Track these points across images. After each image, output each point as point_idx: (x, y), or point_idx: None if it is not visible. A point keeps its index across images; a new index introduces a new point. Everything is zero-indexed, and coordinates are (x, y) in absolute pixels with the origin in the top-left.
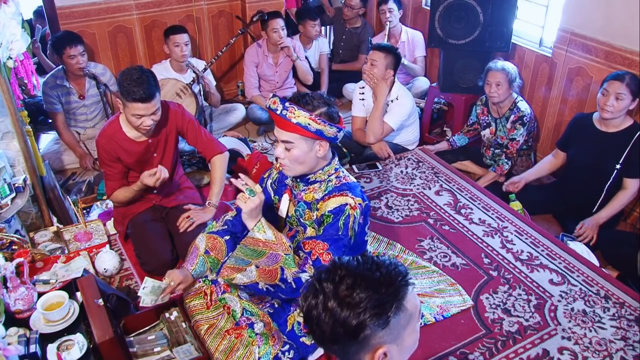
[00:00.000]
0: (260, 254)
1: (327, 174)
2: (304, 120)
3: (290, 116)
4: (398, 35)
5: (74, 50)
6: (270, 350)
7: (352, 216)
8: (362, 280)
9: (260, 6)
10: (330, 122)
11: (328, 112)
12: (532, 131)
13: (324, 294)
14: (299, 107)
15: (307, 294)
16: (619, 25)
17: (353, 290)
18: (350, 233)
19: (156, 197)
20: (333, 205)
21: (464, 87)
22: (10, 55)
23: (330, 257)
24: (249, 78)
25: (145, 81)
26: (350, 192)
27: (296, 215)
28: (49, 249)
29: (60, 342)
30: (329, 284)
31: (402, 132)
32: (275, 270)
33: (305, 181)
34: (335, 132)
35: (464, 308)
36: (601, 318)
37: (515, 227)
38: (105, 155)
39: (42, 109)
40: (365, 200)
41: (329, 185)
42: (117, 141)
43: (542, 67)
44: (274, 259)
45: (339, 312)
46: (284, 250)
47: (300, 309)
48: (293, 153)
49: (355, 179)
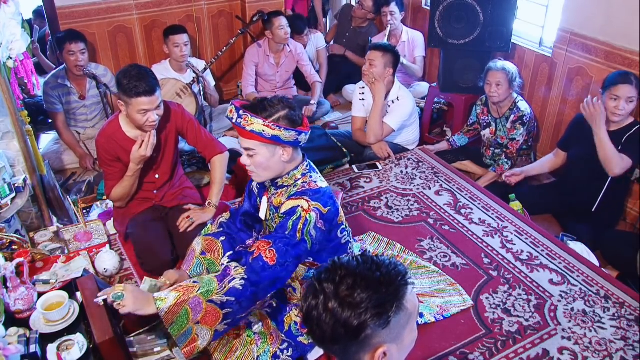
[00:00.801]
0: (186, 314)
1: (294, 179)
2: (257, 128)
3: (245, 124)
4: (399, 36)
5: (74, 47)
6: (268, 348)
7: (304, 218)
8: (363, 280)
9: (260, 6)
10: (287, 127)
11: (288, 116)
12: (532, 131)
13: (325, 294)
14: (254, 114)
15: (307, 295)
16: (619, 25)
17: (354, 290)
18: (299, 235)
19: (156, 197)
20: (286, 208)
21: (464, 87)
22: (10, 55)
23: (272, 254)
24: (247, 76)
25: (145, 76)
26: (310, 196)
27: (270, 219)
28: (49, 249)
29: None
30: (329, 284)
31: (402, 132)
32: (209, 308)
33: (275, 185)
34: (294, 136)
35: (464, 308)
36: (601, 318)
37: (515, 227)
38: (105, 155)
39: (42, 109)
40: (327, 206)
41: (292, 190)
42: (117, 141)
43: (542, 67)
44: (197, 304)
45: (340, 312)
46: (192, 292)
47: (300, 309)
48: (256, 159)
49: (326, 184)
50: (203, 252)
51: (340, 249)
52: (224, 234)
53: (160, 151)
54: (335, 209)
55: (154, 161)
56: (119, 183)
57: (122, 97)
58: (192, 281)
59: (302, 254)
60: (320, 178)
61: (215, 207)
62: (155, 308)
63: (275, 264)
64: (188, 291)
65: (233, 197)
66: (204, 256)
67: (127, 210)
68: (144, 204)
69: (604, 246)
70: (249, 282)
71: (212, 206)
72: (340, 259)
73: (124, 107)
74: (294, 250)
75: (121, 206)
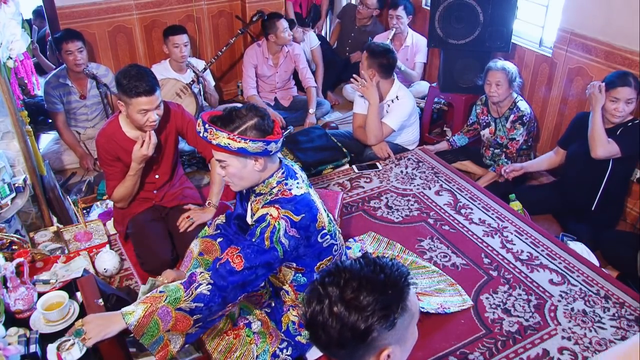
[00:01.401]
0: (156, 324)
1: (269, 187)
2: (223, 141)
3: (210, 137)
4: (403, 39)
5: (71, 46)
6: (268, 348)
7: (272, 226)
8: (368, 282)
9: (260, 6)
10: (254, 139)
11: (256, 126)
12: (531, 131)
13: (329, 299)
14: (219, 127)
15: (311, 299)
16: (619, 25)
17: (359, 293)
18: (267, 243)
19: (156, 197)
20: (257, 216)
21: (464, 87)
22: (10, 55)
23: (239, 260)
24: (247, 78)
25: (144, 75)
26: (281, 204)
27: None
28: (49, 249)
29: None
30: (333, 287)
31: (402, 133)
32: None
33: (254, 193)
34: (261, 147)
35: (464, 308)
36: (601, 318)
37: (515, 227)
38: (106, 155)
39: (42, 109)
40: (300, 214)
41: (268, 197)
42: (117, 141)
43: (542, 67)
44: (166, 313)
45: (346, 316)
46: (159, 302)
47: (303, 314)
48: (229, 170)
49: (302, 191)
50: (201, 253)
51: (324, 252)
52: (221, 236)
53: (160, 151)
54: (311, 216)
55: (154, 161)
56: (121, 183)
57: (122, 97)
58: (158, 291)
59: (272, 260)
60: (297, 185)
61: (215, 207)
62: (123, 324)
63: (243, 269)
64: (155, 302)
65: (233, 197)
66: (202, 257)
67: (127, 210)
68: (144, 204)
69: (604, 246)
70: (215, 287)
71: (212, 206)
72: (343, 262)
73: (123, 107)
74: (262, 256)
75: (123, 207)
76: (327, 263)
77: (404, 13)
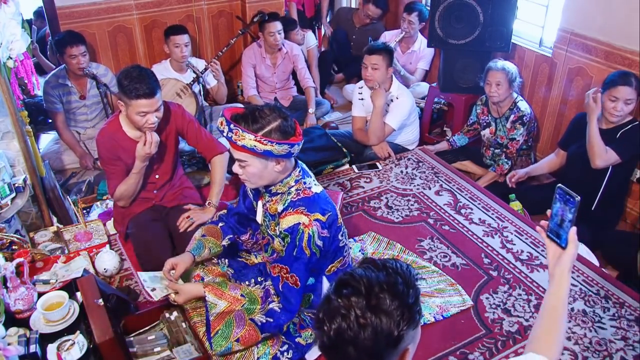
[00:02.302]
0: (230, 325)
1: (287, 186)
2: (249, 143)
3: (236, 138)
4: (411, 44)
5: (75, 50)
6: (269, 350)
7: (307, 234)
8: (388, 287)
9: (260, 6)
10: (279, 141)
11: (280, 128)
12: (532, 131)
13: (355, 310)
14: (245, 128)
15: (332, 316)
16: (619, 25)
17: (384, 299)
18: (307, 251)
19: (156, 197)
20: (287, 224)
21: (464, 87)
22: (10, 55)
23: (295, 278)
24: (246, 79)
25: (146, 77)
26: (307, 208)
27: (265, 225)
28: (49, 249)
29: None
30: (356, 297)
31: (402, 132)
32: (250, 327)
33: (269, 192)
34: (286, 150)
35: (464, 308)
36: (601, 318)
37: (515, 227)
38: (106, 154)
39: (42, 109)
40: (326, 213)
41: (287, 198)
42: (117, 140)
43: (542, 67)
44: (241, 319)
45: (379, 324)
46: (238, 304)
47: (323, 335)
48: (248, 170)
49: (320, 188)
50: (203, 235)
51: (338, 252)
52: (222, 221)
53: (160, 151)
54: (334, 212)
55: (154, 161)
56: (124, 181)
57: (122, 98)
58: (239, 294)
59: (314, 266)
60: (314, 182)
61: (215, 207)
62: (207, 303)
63: (300, 286)
64: (235, 302)
65: (233, 197)
66: (204, 237)
67: (128, 210)
68: (144, 204)
69: (604, 246)
70: (285, 310)
71: (212, 206)
72: (354, 271)
73: (123, 107)
74: (308, 265)
75: (124, 205)
76: (337, 265)
77: (417, 19)
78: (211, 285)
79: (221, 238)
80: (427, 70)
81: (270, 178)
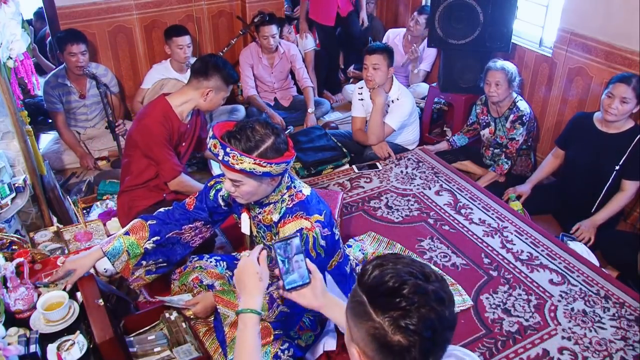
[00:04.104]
0: None
1: (280, 194)
2: (248, 167)
3: (233, 162)
4: (415, 44)
5: (75, 48)
6: (269, 349)
7: (311, 237)
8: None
9: (260, 6)
10: (277, 161)
11: (274, 146)
12: (531, 131)
13: (432, 304)
14: (242, 151)
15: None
16: (619, 25)
17: (440, 289)
18: (313, 253)
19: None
20: (289, 232)
21: (464, 87)
22: (10, 55)
23: None
24: (245, 79)
25: None
26: (304, 212)
27: (259, 237)
28: (49, 249)
29: (60, 342)
30: (428, 283)
31: (402, 132)
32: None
33: (259, 204)
34: (283, 168)
35: (464, 308)
36: (601, 318)
37: (515, 227)
38: (165, 136)
39: (42, 109)
40: (322, 213)
41: (282, 206)
42: (172, 121)
43: (542, 67)
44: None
45: (453, 312)
46: None
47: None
48: (242, 189)
49: (308, 187)
50: (127, 233)
51: (336, 245)
52: (155, 219)
53: (188, 141)
54: (328, 209)
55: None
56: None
57: (220, 84)
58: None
59: (321, 265)
60: (301, 183)
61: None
62: None
63: None
64: None
65: None
66: (127, 236)
67: (134, 201)
68: (155, 195)
69: (604, 246)
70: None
71: None
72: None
73: (212, 93)
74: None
75: (180, 188)
76: (337, 259)
77: (424, 22)
78: (219, 296)
79: (145, 239)
80: (428, 71)
81: (264, 194)
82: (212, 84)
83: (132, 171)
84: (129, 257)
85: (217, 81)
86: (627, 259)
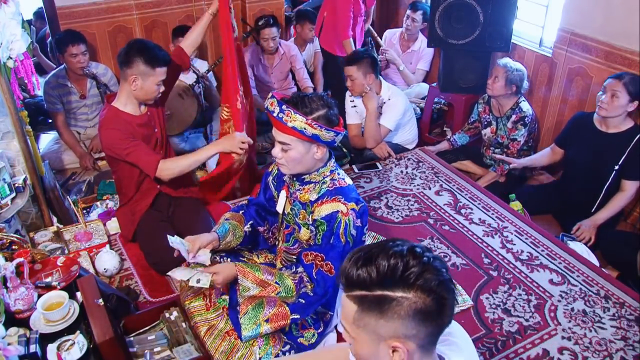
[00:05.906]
0: (261, 305)
1: (322, 176)
2: (299, 125)
3: (287, 119)
4: (412, 42)
5: (76, 49)
6: (271, 350)
7: (344, 222)
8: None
9: (260, 6)
10: (327, 127)
11: (327, 115)
12: (533, 132)
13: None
14: (296, 110)
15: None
16: (619, 25)
17: (409, 242)
18: (343, 239)
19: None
20: (325, 212)
21: (464, 87)
22: (10, 55)
23: (329, 266)
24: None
25: (157, 46)
26: (343, 197)
27: (292, 214)
28: (49, 249)
29: (60, 342)
30: (404, 245)
31: (399, 131)
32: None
33: (301, 181)
34: (332, 137)
35: (464, 308)
36: (601, 318)
37: (515, 227)
38: (123, 135)
39: (42, 109)
40: (359, 203)
41: (322, 187)
42: (125, 120)
43: (542, 67)
44: (272, 302)
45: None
46: (273, 291)
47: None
48: (290, 154)
49: (351, 180)
50: (227, 219)
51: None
52: (243, 209)
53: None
54: (364, 204)
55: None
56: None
57: (144, 69)
58: (274, 281)
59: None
60: (345, 175)
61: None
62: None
63: (334, 274)
64: (268, 289)
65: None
66: (228, 221)
67: (133, 210)
68: (148, 196)
69: (604, 246)
70: (317, 295)
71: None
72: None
73: (138, 79)
74: (343, 254)
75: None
76: None
77: (420, 18)
78: (242, 267)
79: (243, 223)
80: (427, 71)
81: (308, 165)
82: (136, 70)
83: (123, 182)
84: (233, 237)
85: (139, 66)
86: (627, 259)
